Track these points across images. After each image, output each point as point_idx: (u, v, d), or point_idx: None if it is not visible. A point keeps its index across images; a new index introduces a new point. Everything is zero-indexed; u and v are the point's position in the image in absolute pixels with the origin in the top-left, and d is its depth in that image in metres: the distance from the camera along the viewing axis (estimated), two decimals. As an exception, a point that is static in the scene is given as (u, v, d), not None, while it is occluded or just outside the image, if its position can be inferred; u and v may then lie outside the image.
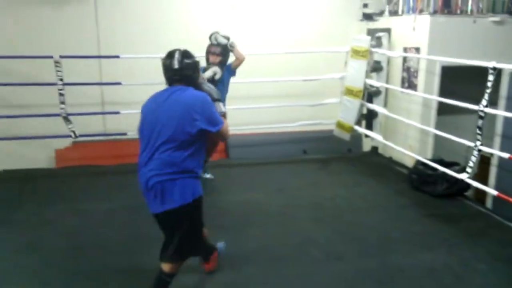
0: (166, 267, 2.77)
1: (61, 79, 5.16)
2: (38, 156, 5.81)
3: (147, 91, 3.02)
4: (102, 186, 5.10)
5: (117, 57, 5.44)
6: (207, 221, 3.69)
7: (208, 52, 4.67)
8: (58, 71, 5.14)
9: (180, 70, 2.69)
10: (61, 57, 5.15)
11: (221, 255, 3.36)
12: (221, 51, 4.65)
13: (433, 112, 5.43)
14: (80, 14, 5.78)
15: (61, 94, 5.19)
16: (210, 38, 4.76)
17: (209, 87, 2.91)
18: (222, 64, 4.67)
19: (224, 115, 2.81)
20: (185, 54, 2.73)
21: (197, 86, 2.78)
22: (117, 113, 5.62)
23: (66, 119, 5.24)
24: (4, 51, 5.31)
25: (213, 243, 3.31)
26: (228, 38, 4.77)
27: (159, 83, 5.24)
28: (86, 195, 4.78)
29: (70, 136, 5.30)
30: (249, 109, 6.01)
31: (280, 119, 6.18)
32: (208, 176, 5.16)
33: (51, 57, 5.10)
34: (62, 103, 5.20)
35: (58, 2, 5.68)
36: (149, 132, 2.63)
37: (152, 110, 2.67)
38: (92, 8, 5.79)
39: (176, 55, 2.70)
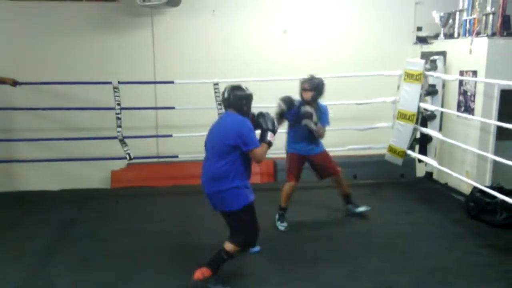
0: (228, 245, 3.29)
1: (119, 104, 5.40)
2: (95, 177, 6.07)
3: (199, 115, 3.20)
4: (155, 207, 5.22)
5: (172, 82, 5.64)
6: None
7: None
8: (116, 96, 5.39)
9: (228, 99, 3.40)
10: (120, 83, 5.41)
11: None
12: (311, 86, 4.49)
13: (492, 137, 5.20)
14: (138, 41, 6.06)
15: (118, 118, 5.42)
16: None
17: (266, 117, 3.50)
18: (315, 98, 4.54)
19: (269, 143, 3.43)
20: (236, 87, 3.44)
21: (245, 114, 3.41)
22: (170, 136, 5.79)
23: (122, 141, 5.45)
24: (66, 77, 5.63)
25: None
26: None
27: (210, 107, 5.49)
28: (138, 216, 4.92)
29: (125, 158, 5.49)
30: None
31: (330, 143, 6.09)
32: None
33: (110, 83, 5.36)
34: (119, 126, 5.43)
35: (118, 30, 5.99)
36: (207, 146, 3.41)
37: (211, 129, 3.45)
38: (149, 35, 6.06)
39: (228, 88, 3.43)
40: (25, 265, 3.78)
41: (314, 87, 4.50)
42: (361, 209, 4.84)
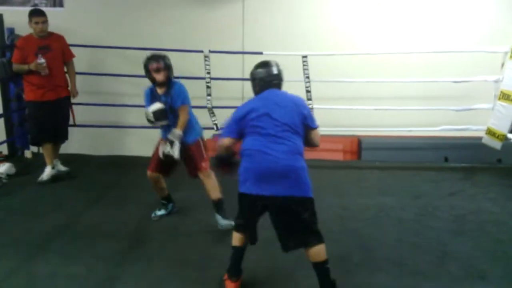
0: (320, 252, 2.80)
1: (209, 72, 5.51)
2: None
3: (287, 87, 3.11)
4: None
5: (261, 53, 5.64)
6: (339, 224, 3.62)
7: None
8: (207, 64, 5.51)
9: (279, 76, 3.08)
10: (210, 51, 5.51)
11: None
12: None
13: None
14: (229, 13, 6.11)
15: (208, 87, 5.55)
16: None
17: None
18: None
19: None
20: (278, 63, 3.12)
21: None
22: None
23: (211, 111, 5.58)
24: (160, 46, 5.82)
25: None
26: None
27: (297, 80, 5.43)
28: (223, 185, 5.02)
29: (213, 129, 5.62)
30: (388, 110, 5.79)
31: (420, 123, 5.83)
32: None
33: (201, 51, 5.47)
34: (209, 95, 5.55)
35: (210, 2, 6.07)
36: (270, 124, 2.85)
37: (266, 107, 2.89)
38: (240, 7, 6.08)
39: (273, 63, 3.10)
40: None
41: (168, 65, 3.82)
42: (225, 222, 3.83)
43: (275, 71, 3.06)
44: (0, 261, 3.40)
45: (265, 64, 3.11)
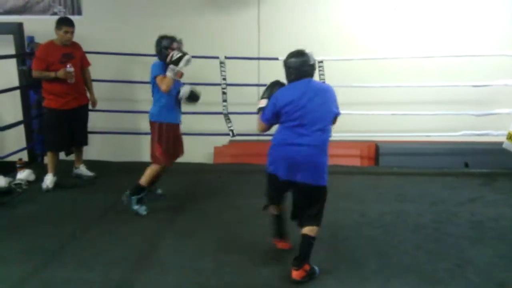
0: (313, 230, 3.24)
1: (224, 78, 5.52)
2: (199, 152, 6.28)
3: None
4: (253, 184, 5.30)
5: (276, 59, 5.63)
6: (356, 230, 3.60)
7: None
8: (223, 70, 5.53)
9: (313, 66, 3.29)
10: (226, 58, 5.52)
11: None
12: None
13: None
14: (244, 19, 6.12)
15: (224, 93, 5.56)
16: None
17: None
18: None
19: None
20: (312, 53, 3.31)
21: None
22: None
23: (227, 117, 5.58)
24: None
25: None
26: None
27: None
28: (238, 191, 5.04)
29: (228, 135, 5.63)
30: (406, 115, 5.71)
31: (439, 127, 5.74)
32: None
33: (217, 57, 5.49)
34: (225, 101, 5.56)
35: (226, 9, 6.10)
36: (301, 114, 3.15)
37: (302, 99, 3.15)
38: (255, 13, 6.09)
39: (309, 53, 3.28)
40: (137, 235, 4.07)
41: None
42: (135, 207, 4.30)
43: (311, 61, 3.26)
44: (14, 267, 3.44)
45: (300, 54, 3.28)
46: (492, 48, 5.59)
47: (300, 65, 3.24)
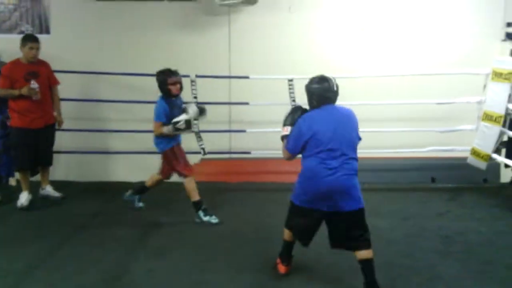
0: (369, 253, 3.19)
1: (195, 97, 5.52)
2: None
3: (273, 111, 3.13)
4: (226, 202, 5.29)
5: (247, 77, 5.68)
6: (328, 247, 3.64)
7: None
8: (193, 89, 5.52)
9: (336, 91, 3.28)
10: (197, 76, 5.53)
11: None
12: None
13: None
14: (215, 38, 6.13)
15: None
16: None
17: None
18: None
19: None
20: (334, 79, 3.30)
21: None
22: (243, 131, 5.84)
23: (198, 135, 5.56)
24: (146, 71, 5.82)
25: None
26: None
27: (284, 104, 5.46)
28: (211, 209, 4.98)
29: (199, 153, 5.59)
30: (374, 132, 5.82)
31: (406, 144, 5.87)
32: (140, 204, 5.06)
33: (188, 76, 5.49)
34: (195, 119, 5.52)
35: (197, 28, 6.11)
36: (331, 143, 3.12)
37: (330, 128, 3.15)
38: (226, 32, 6.13)
39: (332, 79, 3.27)
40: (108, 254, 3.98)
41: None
42: (206, 218, 4.64)
43: (334, 87, 3.26)
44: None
45: (324, 80, 3.27)
46: (455, 66, 5.77)
47: (323, 91, 3.23)
